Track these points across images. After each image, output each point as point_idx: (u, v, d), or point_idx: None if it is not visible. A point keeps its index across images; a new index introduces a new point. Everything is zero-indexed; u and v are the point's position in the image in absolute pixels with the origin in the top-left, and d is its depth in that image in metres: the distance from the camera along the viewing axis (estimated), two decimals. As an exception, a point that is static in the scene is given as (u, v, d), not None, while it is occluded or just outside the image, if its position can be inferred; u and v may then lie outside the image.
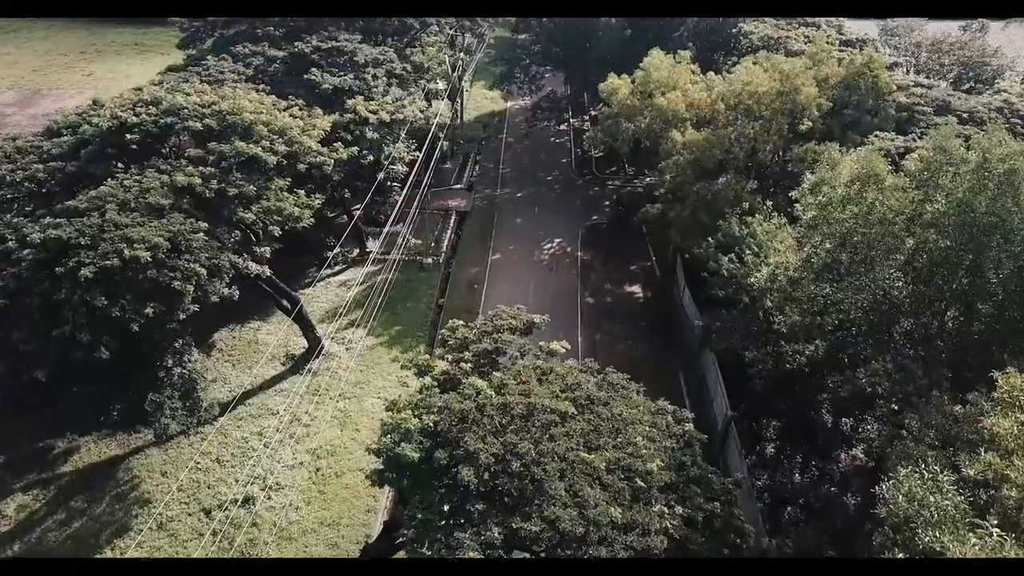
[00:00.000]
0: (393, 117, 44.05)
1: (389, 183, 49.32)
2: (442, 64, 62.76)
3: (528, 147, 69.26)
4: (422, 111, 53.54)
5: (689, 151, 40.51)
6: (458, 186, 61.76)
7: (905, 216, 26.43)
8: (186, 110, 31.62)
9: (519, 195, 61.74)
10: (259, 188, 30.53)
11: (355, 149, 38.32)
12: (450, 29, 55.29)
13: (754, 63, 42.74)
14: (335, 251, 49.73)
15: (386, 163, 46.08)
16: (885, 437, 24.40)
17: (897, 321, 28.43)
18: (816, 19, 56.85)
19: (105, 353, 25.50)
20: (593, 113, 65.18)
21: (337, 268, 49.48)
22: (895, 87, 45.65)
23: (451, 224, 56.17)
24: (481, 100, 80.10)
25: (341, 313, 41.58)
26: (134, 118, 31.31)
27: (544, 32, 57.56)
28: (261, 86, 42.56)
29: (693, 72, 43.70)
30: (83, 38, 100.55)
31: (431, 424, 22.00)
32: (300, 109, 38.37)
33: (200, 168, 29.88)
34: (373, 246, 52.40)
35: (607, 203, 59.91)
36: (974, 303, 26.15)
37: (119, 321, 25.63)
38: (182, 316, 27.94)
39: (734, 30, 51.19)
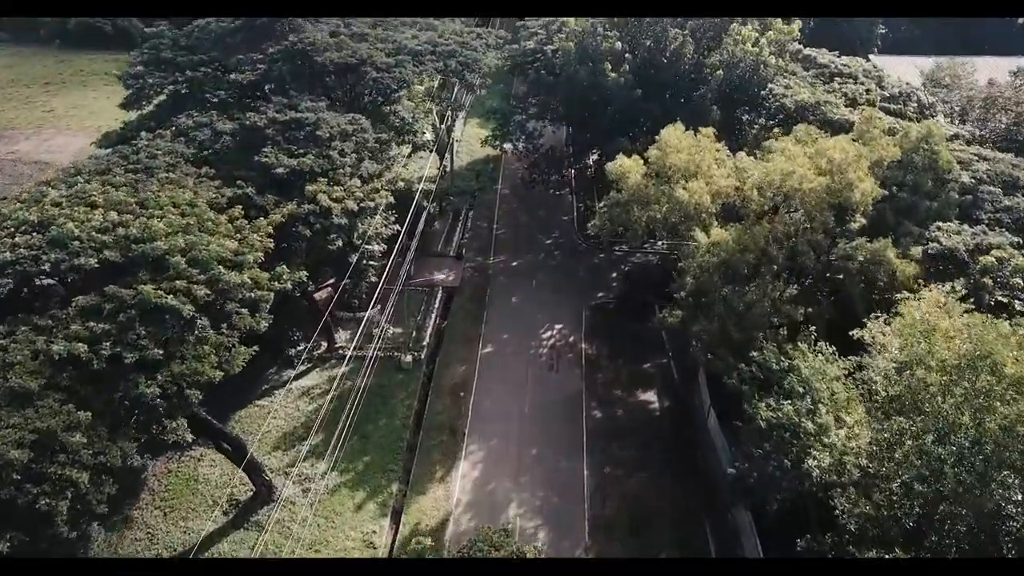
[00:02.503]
0: (362, 205, 37.12)
1: (365, 262, 42.71)
2: (428, 114, 56.00)
3: (525, 201, 62.08)
4: (403, 180, 46.77)
5: (715, 253, 33.55)
6: (445, 263, 54.39)
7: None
8: (79, 241, 24.59)
9: (515, 264, 54.71)
10: (170, 346, 23.48)
11: (304, 274, 31.33)
12: (437, 75, 48.25)
13: (795, 142, 35.77)
14: (302, 347, 42.95)
15: (360, 243, 39.18)
16: None
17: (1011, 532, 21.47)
18: (853, 70, 49.87)
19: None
20: (593, 159, 57.36)
21: (301, 368, 42.37)
22: (956, 163, 38.70)
23: (436, 304, 49.10)
24: (475, 143, 72.78)
25: (301, 444, 34.77)
26: (9, 254, 24.26)
27: (543, 84, 50.55)
28: (204, 169, 35.78)
29: (718, 151, 36.59)
30: (50, 67, 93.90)
31: None
32: (242, 211, 31.48)
33: (91, 323, 22.87)
34: (345, 335, 45.55)
35: (614, 274, 52.91)
36: None
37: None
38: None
39: (763, 91, 44.12)
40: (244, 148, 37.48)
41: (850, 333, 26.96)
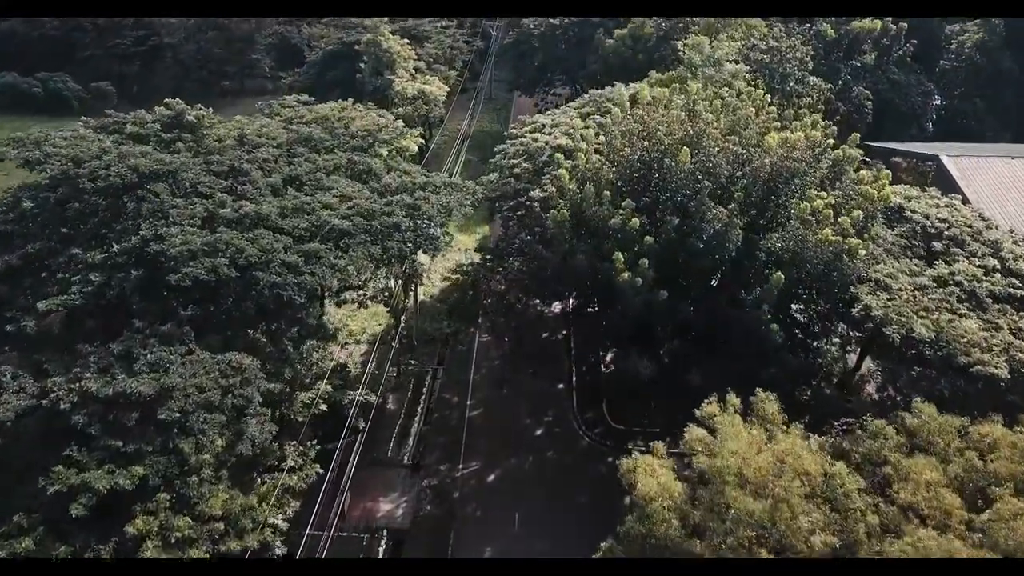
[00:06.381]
0: (225, 548, 23.05)
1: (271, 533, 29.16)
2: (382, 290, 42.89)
3: (507, 352, 47.44)
4: (325, 399, 33.05)
5: None
6: (395, 480, 40.09)
7: None
8: None
9: (491, 477, 40.57)
10: None
11: None
12: (372, 265, 34.40)
13: (930, 466, 21.60)
14: None
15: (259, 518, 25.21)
16: None
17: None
18: (958, 229, 35.61)
19: None
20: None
21: None
22: None
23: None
24: (450, 255, 58.55)
25: None
26: None
27: (531, 252, 36.29)
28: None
29: (805, 478, 22.16)
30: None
31: None
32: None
33: None
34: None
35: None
36: None
37: None
38: None
39: (847, 295, 29.83)
40: (40, 444, 23.45)
41: None
